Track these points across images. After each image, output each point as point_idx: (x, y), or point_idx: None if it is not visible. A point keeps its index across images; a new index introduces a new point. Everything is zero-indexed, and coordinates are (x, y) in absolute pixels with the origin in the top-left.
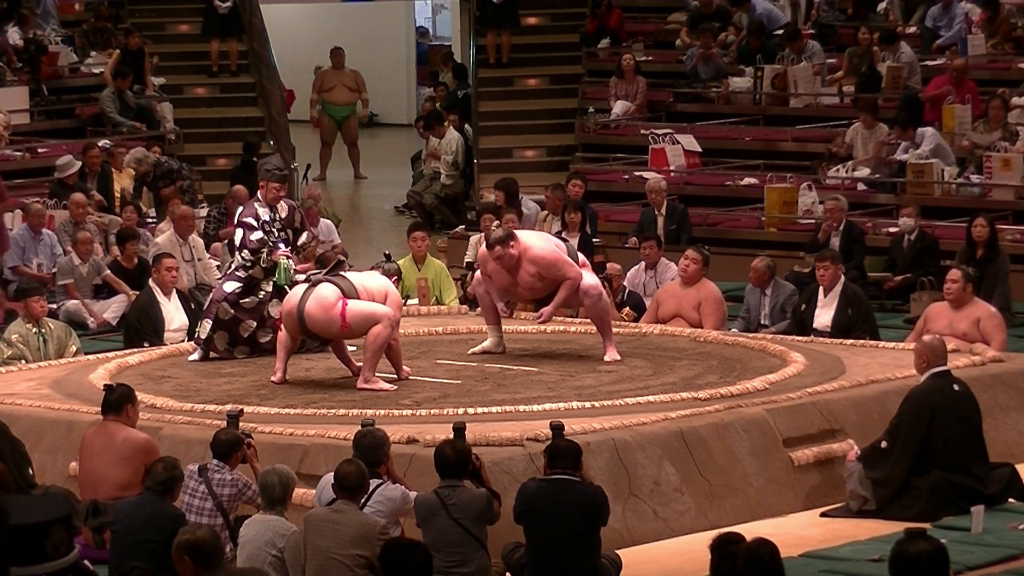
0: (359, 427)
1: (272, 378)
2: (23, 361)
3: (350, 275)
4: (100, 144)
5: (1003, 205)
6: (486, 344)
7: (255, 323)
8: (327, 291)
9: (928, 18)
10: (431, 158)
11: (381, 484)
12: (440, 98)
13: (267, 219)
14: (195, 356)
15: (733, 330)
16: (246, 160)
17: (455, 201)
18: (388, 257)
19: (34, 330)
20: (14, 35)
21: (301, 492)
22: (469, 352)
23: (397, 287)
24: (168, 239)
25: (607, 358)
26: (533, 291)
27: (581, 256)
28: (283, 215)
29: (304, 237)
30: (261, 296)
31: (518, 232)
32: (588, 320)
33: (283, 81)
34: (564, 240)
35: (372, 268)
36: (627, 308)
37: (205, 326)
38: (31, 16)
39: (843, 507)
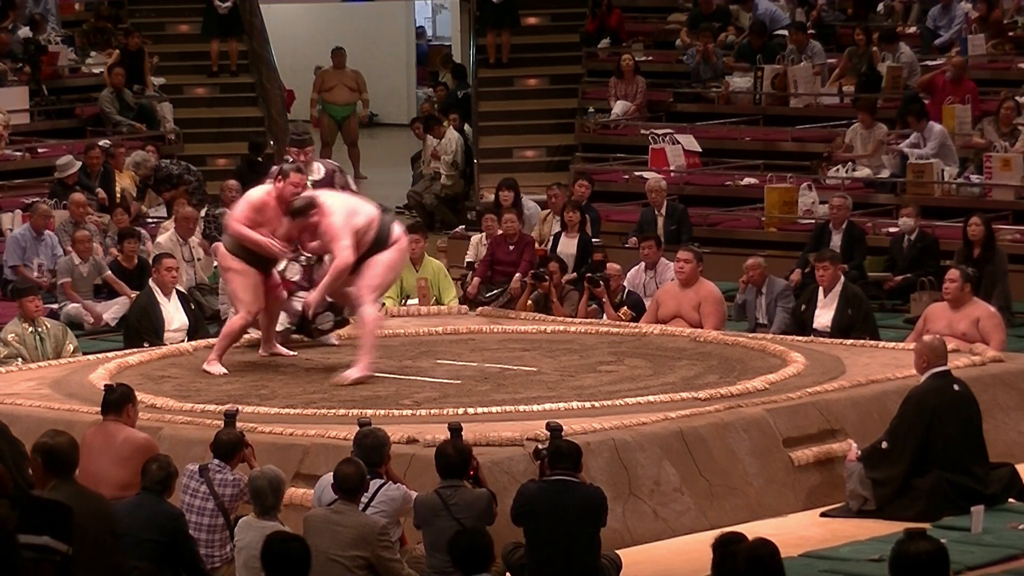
0: (357, 427)
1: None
2: (20, 360)
3: None
4: (100, 144)
5: (1003, 205)
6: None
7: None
8: None
9: (928, 18)
10: (432, 158)
11: (384, 484)
12: (440, 98)
13: None
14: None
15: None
16: (251, 159)
17: (455, 201)
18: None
19: (30, 329)
20: (24, 33)
21: (301, 492)
22: (261, 353)
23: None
24: (169, 239)
25: (347, 373)
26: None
27: (398, 231)
28: (317, 177)
29: None
30: (302, 260)
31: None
32: (589, 320)
33: (283, 81)
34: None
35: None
36: (625, 308)
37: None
38: (41, 21)
39: (843, 507)
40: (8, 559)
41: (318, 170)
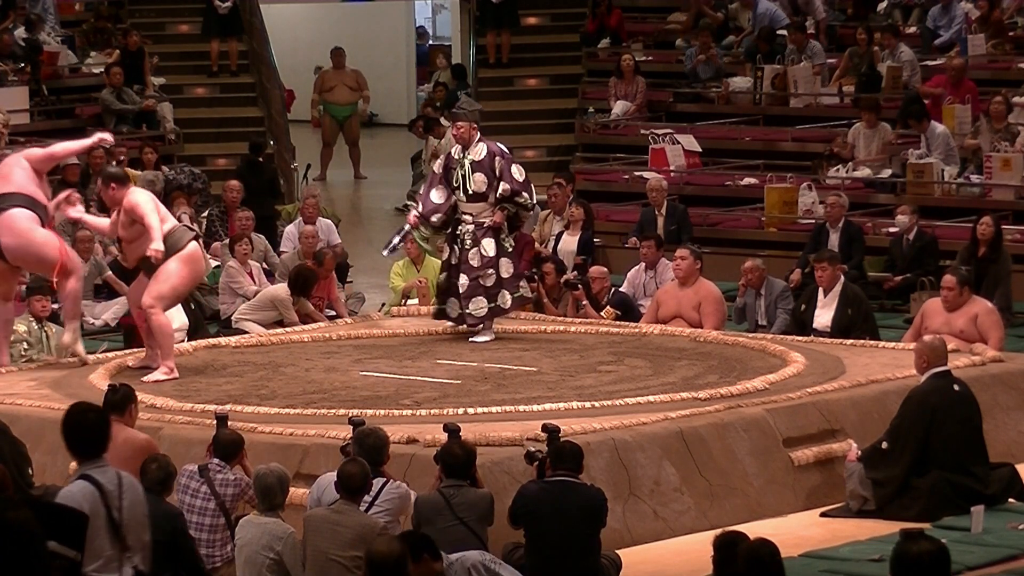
0: (352, 427)
1: None
2: (26, 344)
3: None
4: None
5: (1003, 205)
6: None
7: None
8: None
9: (928, 18)
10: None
11: (387, 483)
12: (439, 99)
13: (456, 157)
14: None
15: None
16: (251, 159)
17: None
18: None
19: (35, 324)
20: (21, 34)
21: (301, 492)
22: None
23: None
24: None
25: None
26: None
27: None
28: (477, 157)
29: (501, 188)
30: (459, 245)
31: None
32: (589, 320)
33: (283, 81)
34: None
35: None
36: (608, 307)
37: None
38: (39, 21)
39: (843, 507)
40: (35, 567)
41: (480, 150)
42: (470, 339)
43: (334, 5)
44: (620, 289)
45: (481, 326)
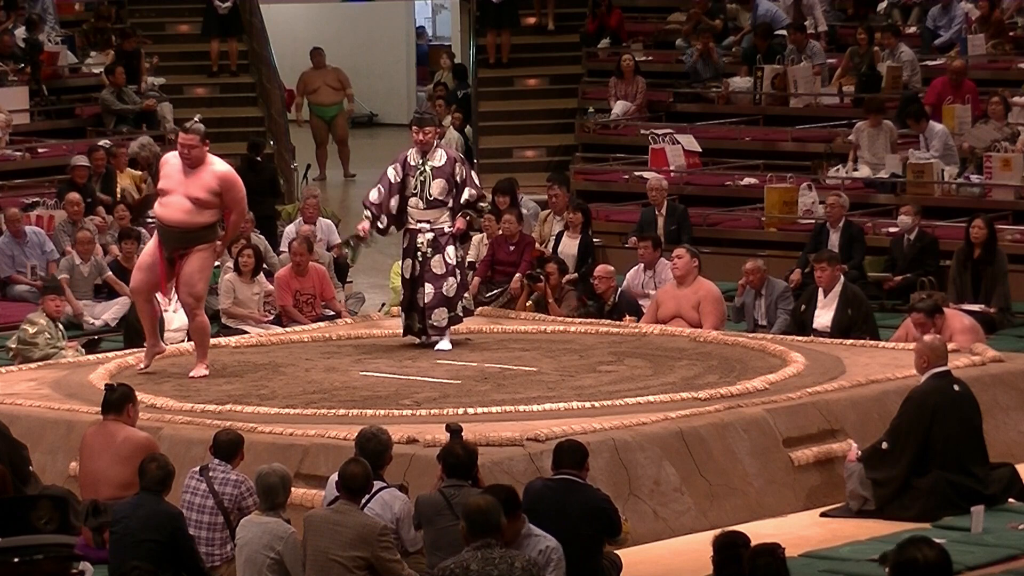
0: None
1: None
2: (47, 334)
3: None
4: (101, 144)
5: (1003, 205)
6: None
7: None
8: None
9: (928, 18)
10: None
11: (386, 487)
12: (440, 98)
13: (412, 164)
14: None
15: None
16: (251, 159)
17: None
18: None
19: (47, 322)
20: (21, 34)
21: (300, 492)
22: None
23: None
24: None
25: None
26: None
27: None
28: (438, 163)
29: (467, 194)
30: (419, 258)
31: None
32: (589, 320)
33: (283, 81)
34: None
35: None
36: (627, 316)
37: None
38: (39, 21)
39: (843, 507)
40: None
41: (440, 156)
42: (435, 348)
43: (334, 5)
44: (620, 289)
45: (440, 335)
